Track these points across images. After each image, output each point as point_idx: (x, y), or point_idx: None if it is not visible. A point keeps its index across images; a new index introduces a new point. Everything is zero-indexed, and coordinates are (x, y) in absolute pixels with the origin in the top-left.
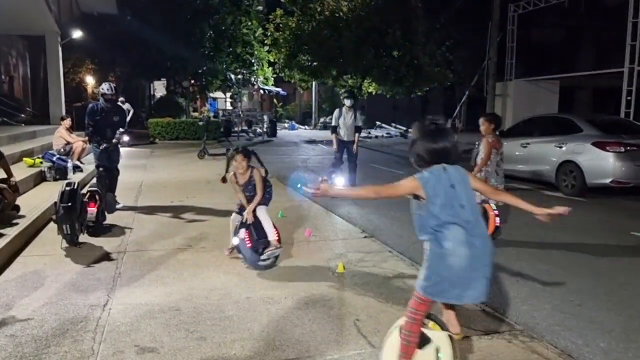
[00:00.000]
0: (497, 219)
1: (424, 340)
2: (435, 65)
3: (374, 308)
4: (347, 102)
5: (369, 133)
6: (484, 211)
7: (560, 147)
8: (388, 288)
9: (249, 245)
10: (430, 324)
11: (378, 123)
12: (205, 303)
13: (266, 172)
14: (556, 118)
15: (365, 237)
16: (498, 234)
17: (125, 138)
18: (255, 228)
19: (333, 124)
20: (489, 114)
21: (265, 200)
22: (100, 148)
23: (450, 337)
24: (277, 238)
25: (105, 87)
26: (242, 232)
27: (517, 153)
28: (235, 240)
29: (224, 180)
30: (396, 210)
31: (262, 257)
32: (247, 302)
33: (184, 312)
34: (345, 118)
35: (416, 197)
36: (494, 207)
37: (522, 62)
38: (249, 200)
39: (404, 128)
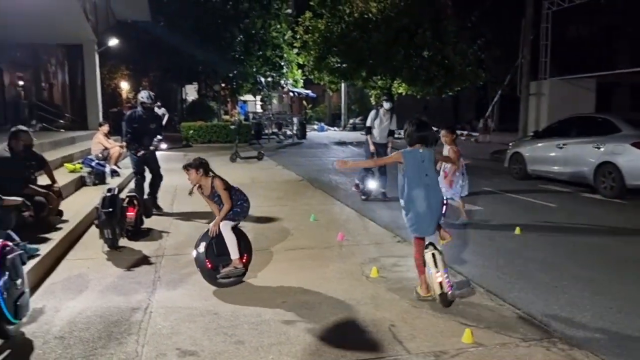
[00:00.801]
0: (444, 207)
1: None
2: (466, 65)
3: (409, 314)
4: (386, 105)
5: (399, 134)
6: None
7: (599, 148)
8: None
9: (207, 260)
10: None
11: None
12: (243, 307)
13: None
14: (594, 118)
15: (398, 241)
16: None
17: (164, 145)
18: (218, 244)
19: (368, 124)
20: (450, 126)
21: (233, 215)
22: (138, 155)
23: (433, 254)
24: (239, 258)
25: (144, 96)
26: (202, 246)
27: (552, 154)
28: (193, 253)
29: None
30: None
31: (219, 275)
32: (283, 307)
33: (222, 316)
34: (381, 120)
35: (400, 163)
36: (444, 199)
37: (557, 61)
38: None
39: (435, 129)
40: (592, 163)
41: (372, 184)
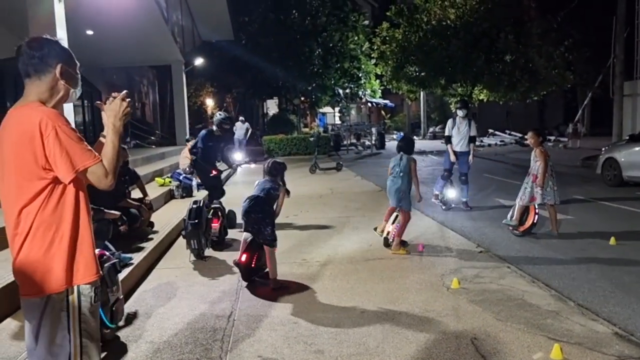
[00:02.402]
0: (536, 217)
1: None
2: (552, 68)
3: (492, 327)
4: (461, 113)
5: (482, 141)
6: (526, 209)
7: None
8: (507, 306)
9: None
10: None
11: (490, 131)
12: (322, 317)
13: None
14: None
15: (480, 251)
16: (531, 228)
17: (253, 165)
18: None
19: (447, 133)
20: (536, 128)
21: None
22: (211, 175)
23: (397, 216)
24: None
25: (223, 117)
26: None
27: None
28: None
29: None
30: None
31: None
32: (361, 317)
33: (302, 325)
34: (459, 128)
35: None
36: (536, 207)
37: None
38: None
39: (520, 135)
40: None
41: (452, 194)
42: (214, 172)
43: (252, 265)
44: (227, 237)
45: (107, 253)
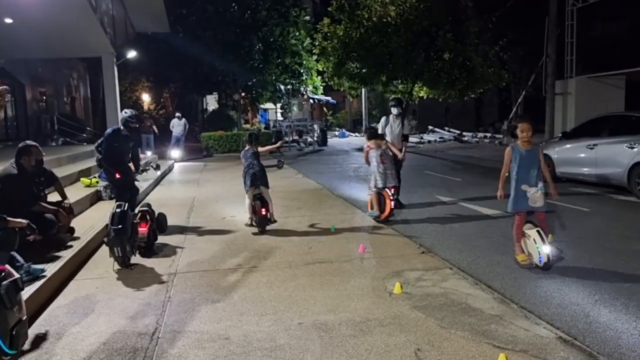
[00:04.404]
0: (392, 203)
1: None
2: (488, 66)
3: (436, 335)
4: (395, 111)
5: (422, 138)
6: (380, 196)
7: (633, 148)
8: (450, 311)
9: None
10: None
11: (430, 127)
12: (256, 330)
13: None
14: (628, 116)
15: (422, 252)
16: (390, 215)
17: (159, 172)
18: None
19: (380, 132)
20: (369, 129)
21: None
22: (117, 178)
23: (538, 231)
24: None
25: (131, 115)
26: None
27: (582, 155)
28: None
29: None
30: (455, 221)
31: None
32: (299, 329)
33: (234, 341)
34: (392, 126)
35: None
36: (390, 194)
37: (583, 59)
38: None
39: (458, 131)
40: (625, 164)
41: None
42: (118, 175)
43: (269, 217)
44: (157, 242)
45: (8, 267)
